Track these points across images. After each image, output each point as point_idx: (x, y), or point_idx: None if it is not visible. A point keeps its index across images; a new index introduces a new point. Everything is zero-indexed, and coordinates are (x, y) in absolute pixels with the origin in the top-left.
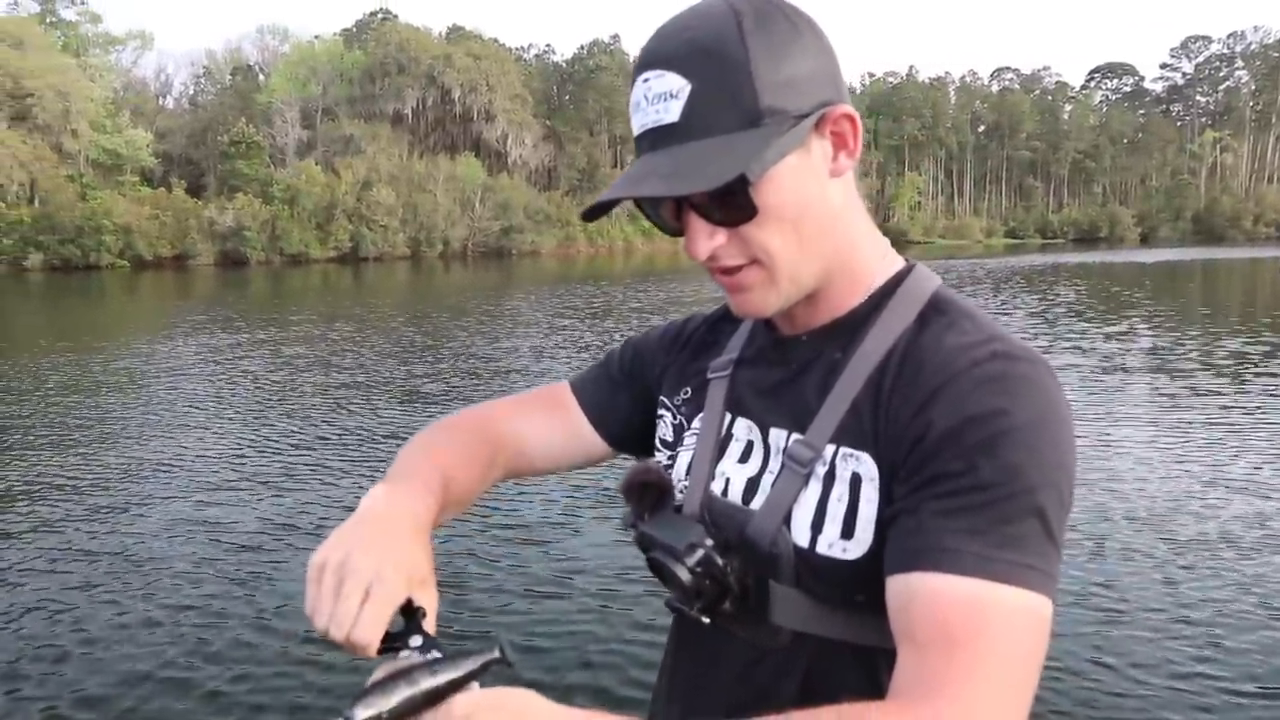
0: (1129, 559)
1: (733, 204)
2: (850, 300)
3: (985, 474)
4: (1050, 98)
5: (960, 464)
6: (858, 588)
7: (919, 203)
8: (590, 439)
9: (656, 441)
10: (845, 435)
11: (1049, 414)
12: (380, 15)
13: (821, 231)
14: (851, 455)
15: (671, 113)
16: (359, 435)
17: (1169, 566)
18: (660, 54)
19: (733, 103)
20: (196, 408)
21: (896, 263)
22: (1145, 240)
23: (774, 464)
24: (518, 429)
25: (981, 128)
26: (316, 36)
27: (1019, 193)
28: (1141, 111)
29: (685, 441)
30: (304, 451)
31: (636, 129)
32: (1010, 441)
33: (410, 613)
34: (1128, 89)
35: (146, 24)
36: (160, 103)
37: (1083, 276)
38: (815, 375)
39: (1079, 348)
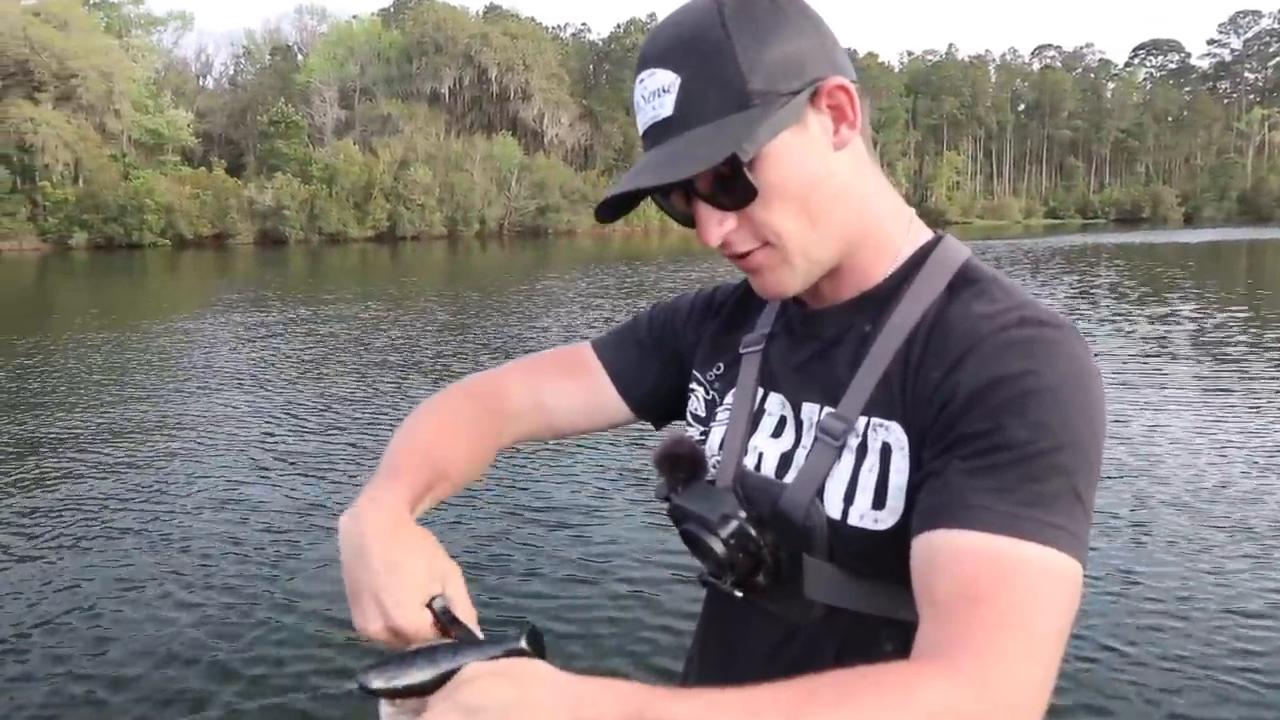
0: (1172, 545)
1: (733, 187)
2: (877, 272)
3: (1012, 432)
4: (1093, 76)
5: (987, 423)
6: (890, 559)
7: (957, 183)
8: (613, 403)
9: (688, 416)
10: (876, 406)
11: (1078, 377)
12: None
13: (831, 205)
14: (882, 425)
15: (666, 107)
16: (392, 414)
17: (1213, 554)
18: (651, 53)
19: (721, 89)
20: (233, 386)
21: (924, 233)
22: (1189, 220)
23: (806, 439)
24: (534, 393)
25: (1022, 106)
26: (354, 16)
27: (1060, 172)
28: (1187, 89)
29: (718, 417)
30: (338, 430)
31: (639, 129)
32: (1038, 401)
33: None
34: (1173, 66)
35: (187, 4)
36: (200, 83)
37: (1124, 257)
38: (846, 348)
39: (1120, 328)
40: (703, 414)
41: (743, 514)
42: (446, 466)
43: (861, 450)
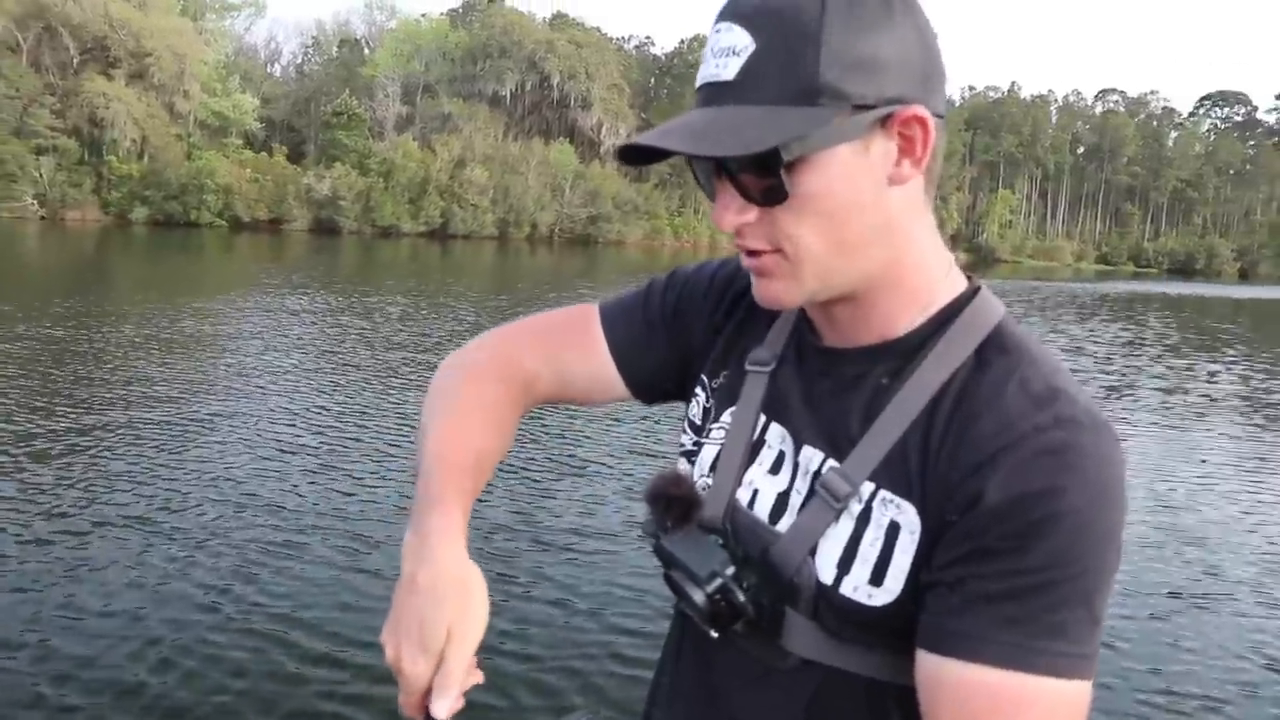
0: (1214, 612)
1: (766, 182)
2: (903, 320)
3: (1034, 558)
4: (1155, 123)
5: (1010, 543)
6: (878, 631)
7: (1010, 221)
8: (612, 380)
9: (685, 420)
10: (886, 476)
11: (1107, 491)
12: None
13: (866, 238)
14: (892, 501)
15: (729, 70)
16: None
17: (1263, 628)
18: (739, 6)
19: (791, 72)
20: (276, 370)
21: (959, 283)
22: (1244, 275)
23: (801, 484)
24: (548, 362)
25: (1081, 149)
26: (424, 15)
27: (1115, 218)
28: (1251, 143)
29: (712, 433)
30: (372, 421)
31: (698, 80)
32: (1065, 524)
33: None
34: (1239, 118)
35: None
36: (268, 69)
37: (1173, 307)
38: (860, 397)
39: (1163, 380)
40: (699, 423)
41: (730, 570)
42: (487, 465)
43: (864, 519)
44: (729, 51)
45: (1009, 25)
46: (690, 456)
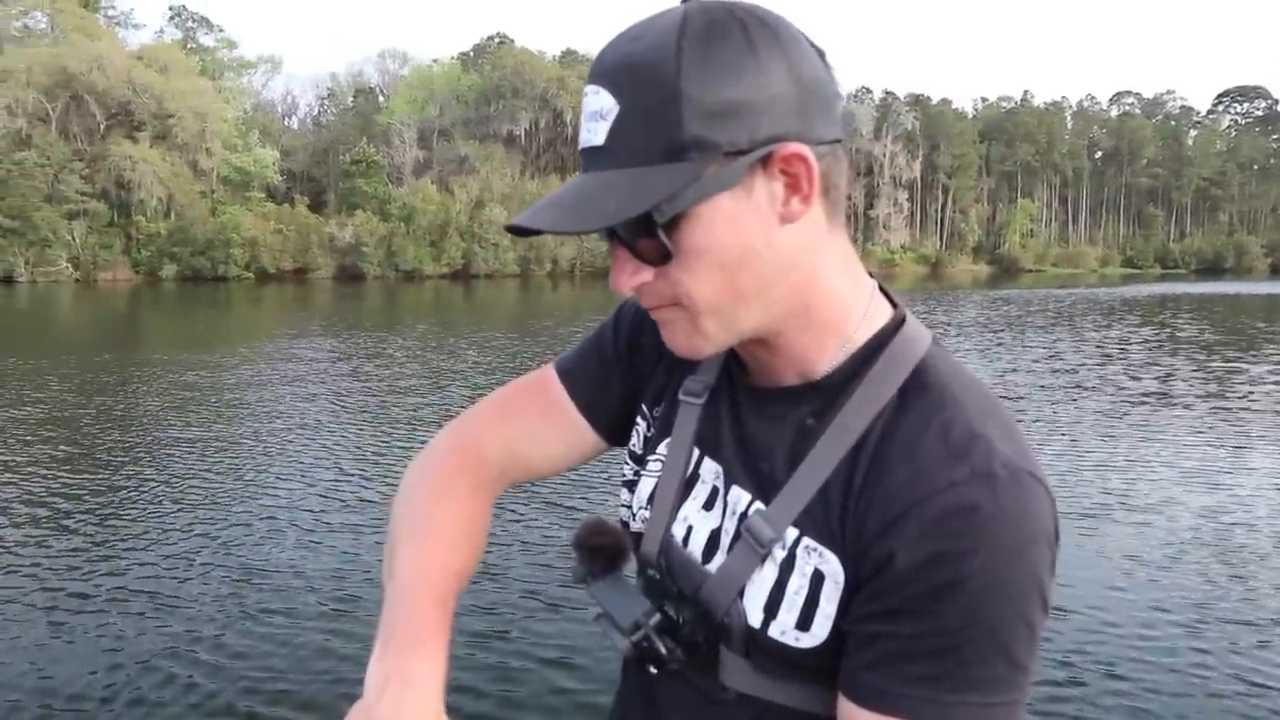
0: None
1: (650, 243)
2: (821, 360)
3: (946, 619)
4: (1174, 123)
5: (921, 604)
6: (810, 669)
7: (1031, 230)
8: (583, 434)
9: (628, 450)
10: (810, 524)
11: (1020, 546)
12: (497, 39)
13: (763, 281)
14: (815, 550)
15: (599, 134)
16: None
17: None
18: (603, 67)
19: (655, 130)
20: (304, 413)
21: (880, 315)
22: (1276, 271)
23: (730, 524)
24: (510, 443)
25: (1099, 154)
26: (435, 60)
27: (1138, 221)
28: (1275, 136)
29: (650, 465)
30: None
31: (579, 144)
32: (974, 585)
33: None
34: (1259, 113)
35: (276, 49)
36: (286, 123)
37: (1204, 307)
38: (785, 438)
39: (1195, 381)
40: (639, 452)
41: (654, 620)
42: (463, 584)
43: (788, 565)
44: (598, 116)
45: (1018, 35)
46: (631, 486)
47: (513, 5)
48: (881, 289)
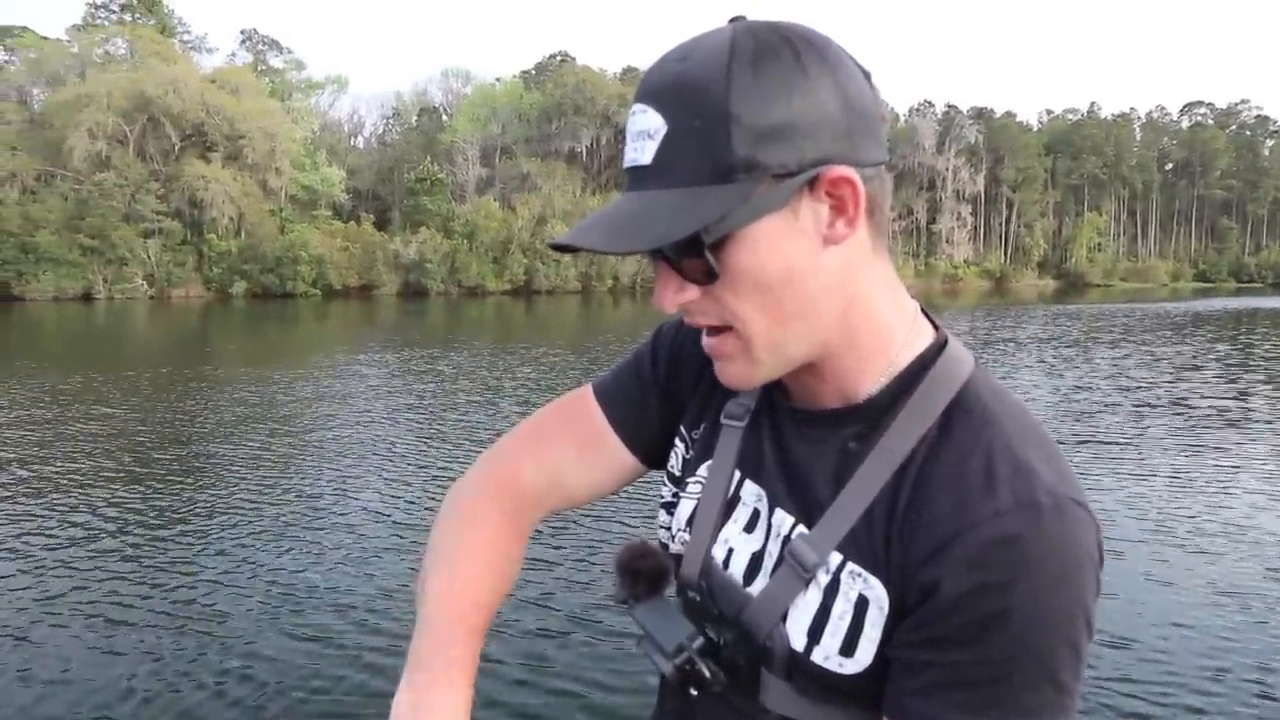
0: None
1: (696, 263)
2: (864, 383)
3: (993, 649)
4: (1249, 133)
5: (968, 634)
6: (853, 694)
7: (1099, 244)
8: (624, 460)
9: (666, 471)
10: (854, 548)
11: (1066, 573)
12: (559, 58)
13: (809, 305)
14: (860, 575)
15: (646, 154)
16: None
17: None
18: (650, 86)
19: (704, 151)
20: (365, 433)
21: (923, 338)
22: None
23: (773, 546)
24: (548, 471)
25: (1169, 165)
26: (498, 79)
27: (1211, 234)
28: None
29: (689, 487)
30: (462, 466)
31: (623, 163)
32: (1022, 615)
33: None
34: None
35: (343, 69)
36: (352, 142)
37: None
38: (828, 462)
39: (1275, 399)
40: (678, 474)
41: (698, 643)
42: (492, 614)
43: (832, 590)
44: (645, 135)
45: (1085, 47)
46: (669, 508)
47: (574, 24)
48: (924, 311)
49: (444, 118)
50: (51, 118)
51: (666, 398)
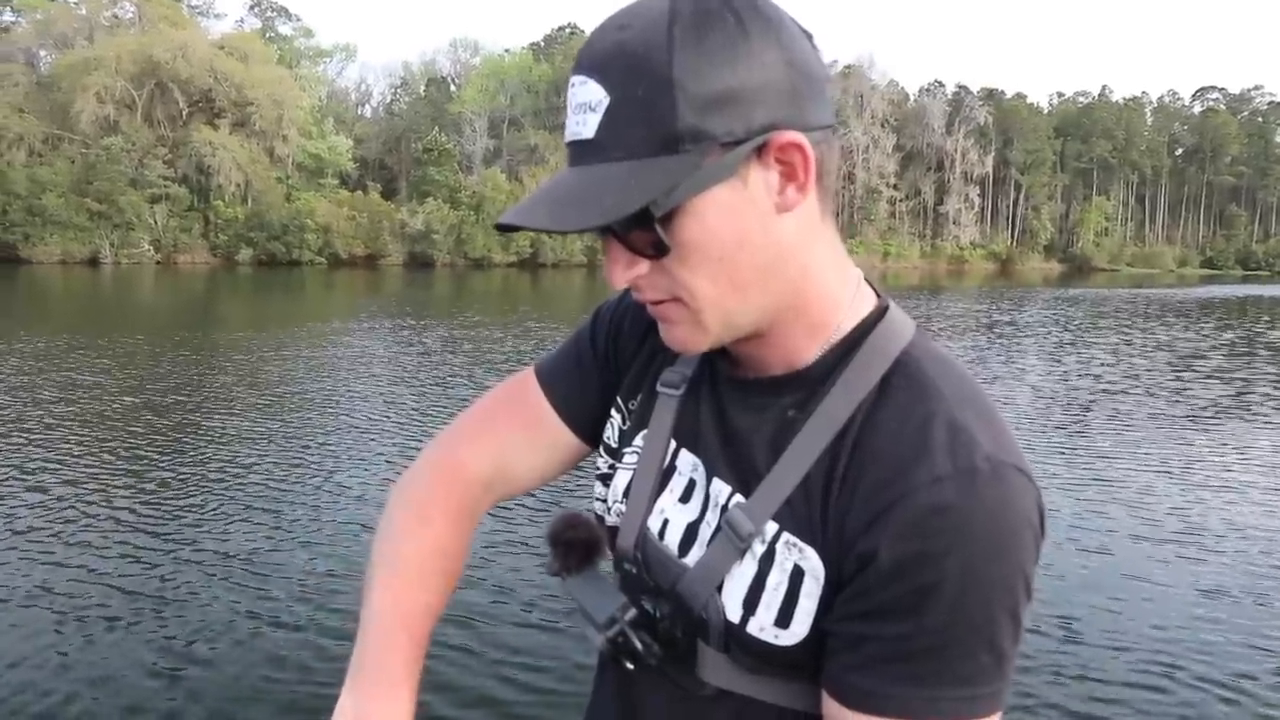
0: None
1: (646, 237)
2: (807, 350)
3: (930, 619)
4: (1261, 119)
5: (905, 603)
6: (790, 666)
7: (1106, 228)
8: (568, 441)
9: (602, 444)
10: (790, 518)
11: (1007, 541)
12: (568, 30)
13: (761, 273)
14: (795, 546)
15: (589, 127)
16: None
17: None
18: (589, 57)
19: (649, 122)
20: (371, 395)
21: (865, 305)
22: None
23: (711, 516)
24: (493, 457)
25: (1180, 151)
26: (506, 50)
27: (1219, 221)
28: None
29: (625, 458)
30: None
31: (564, 137)
32: (962, 582)
33: None
34: None
35: (351, 38)
36: (359, 111)
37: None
38: (766, 430)
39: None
40: (614, 445)
41: (629, 615)
42: (436, 617)
43: (768, 559)
44: (586, 107)
45: (1097, 30)
46: (605, 480)
47: None
48: (866, 279)
49: (452, 88)
50: (59, 80)
51: (607, 375)
